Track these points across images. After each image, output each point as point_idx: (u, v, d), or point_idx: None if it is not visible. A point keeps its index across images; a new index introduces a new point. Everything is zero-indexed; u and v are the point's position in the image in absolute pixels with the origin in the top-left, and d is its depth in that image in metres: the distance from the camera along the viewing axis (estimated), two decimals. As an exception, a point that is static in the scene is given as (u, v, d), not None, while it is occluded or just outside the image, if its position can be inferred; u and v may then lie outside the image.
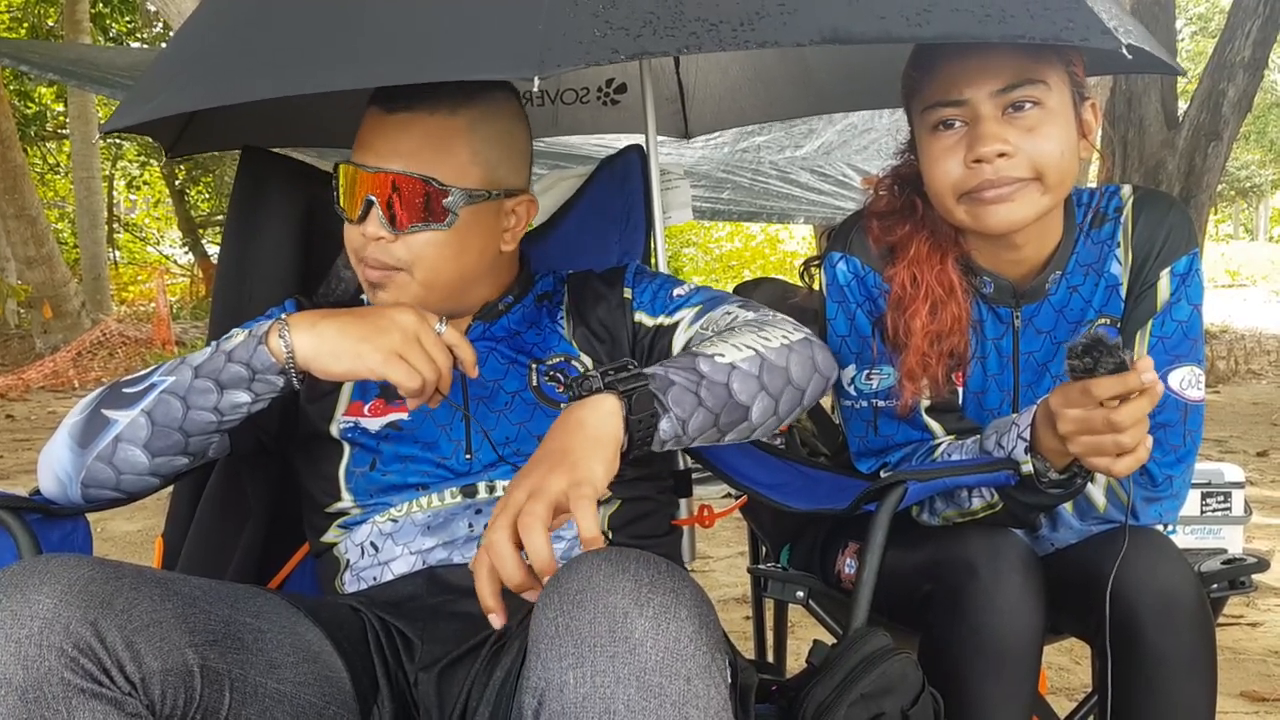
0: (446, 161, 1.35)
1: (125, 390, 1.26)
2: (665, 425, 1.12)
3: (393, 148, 1.34)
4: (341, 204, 1.38)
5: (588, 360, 1.47)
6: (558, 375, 1.44)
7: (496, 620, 0.98)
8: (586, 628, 0.88)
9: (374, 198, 1.34)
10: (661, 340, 1.46)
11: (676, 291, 1.49)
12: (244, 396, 1.24)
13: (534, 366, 1.45)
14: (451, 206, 1.35)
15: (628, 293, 1.51)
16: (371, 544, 1.39)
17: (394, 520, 1.39)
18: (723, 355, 1.21)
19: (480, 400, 1.43)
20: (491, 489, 1.39)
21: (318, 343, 1.21)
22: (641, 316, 1.49)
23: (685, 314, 1.45)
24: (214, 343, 1.27)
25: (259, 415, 1.33)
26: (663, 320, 1.47)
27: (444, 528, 1.37)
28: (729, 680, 0.96)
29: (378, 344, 1.19)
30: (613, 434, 1.06)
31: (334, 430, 1.43)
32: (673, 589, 0.92)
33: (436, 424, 1.42)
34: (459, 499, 1.39)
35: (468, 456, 1.40)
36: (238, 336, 1.24)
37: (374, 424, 1.43)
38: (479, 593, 0.98)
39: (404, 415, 1.42)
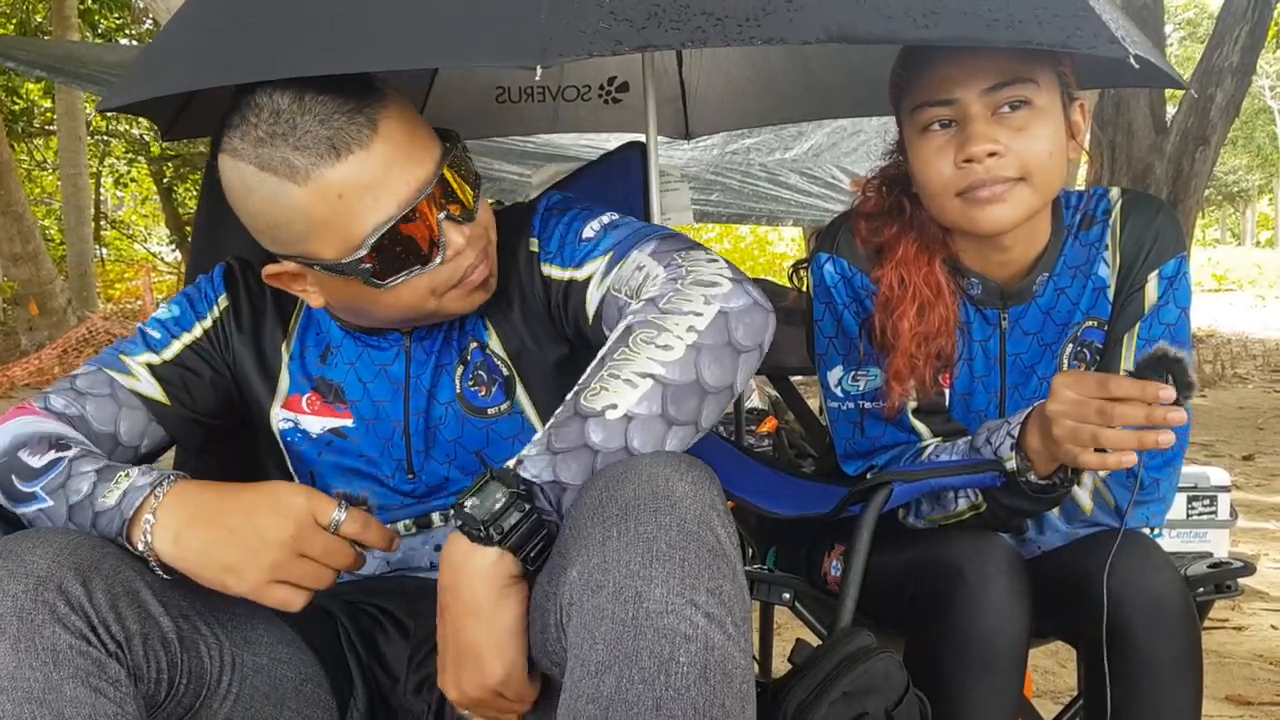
0: (430, 136, 1.20)
1: (16, 482, 1.11)
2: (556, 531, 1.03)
3: (406, 157, 1.15)
4: (404, 270, 1.18)
5: (498, 346, 1.33)
6: (480, 375, 1.33)
7: None
8: (631, 494, 0.94)
9: (442, 215, 1.18)
10: (574, 298, 1.27)
11: (585, 234, 1.28)
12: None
13: (459, 371, 1.33)
14: (469, 165, 1.25)
15: (534, 244, 1.32)
16: None
17: None
18: (615, 405, 1.02)
19: (419, 414, 1.34)
20: (446, 518, 1.34)
21: (179, 560, 1.03)
22: (550, 270, 1.30)
23: (595, 266, 1.25)
24: (95, 475, 1.08)
25: (216, 391, 1.33)
26: (573, 274, 1.27)
27: (403, 563, 1.35)
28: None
29: (244, 575, 1.02)
30: (506, 591, 1.00)
31: (274, 424, 1.36)
32: (706, 470, 1.00)
33: (379, 437, 1.34)
34: (414, 531, 1.35)
35: (409, 477, 1.34)
36: (112, 494, 1.06)
37: (314, 425, 1.35)
38: None
39: (348, 422, 1.34)
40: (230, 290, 1.37)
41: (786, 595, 1.59)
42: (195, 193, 18.81)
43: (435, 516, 1.35)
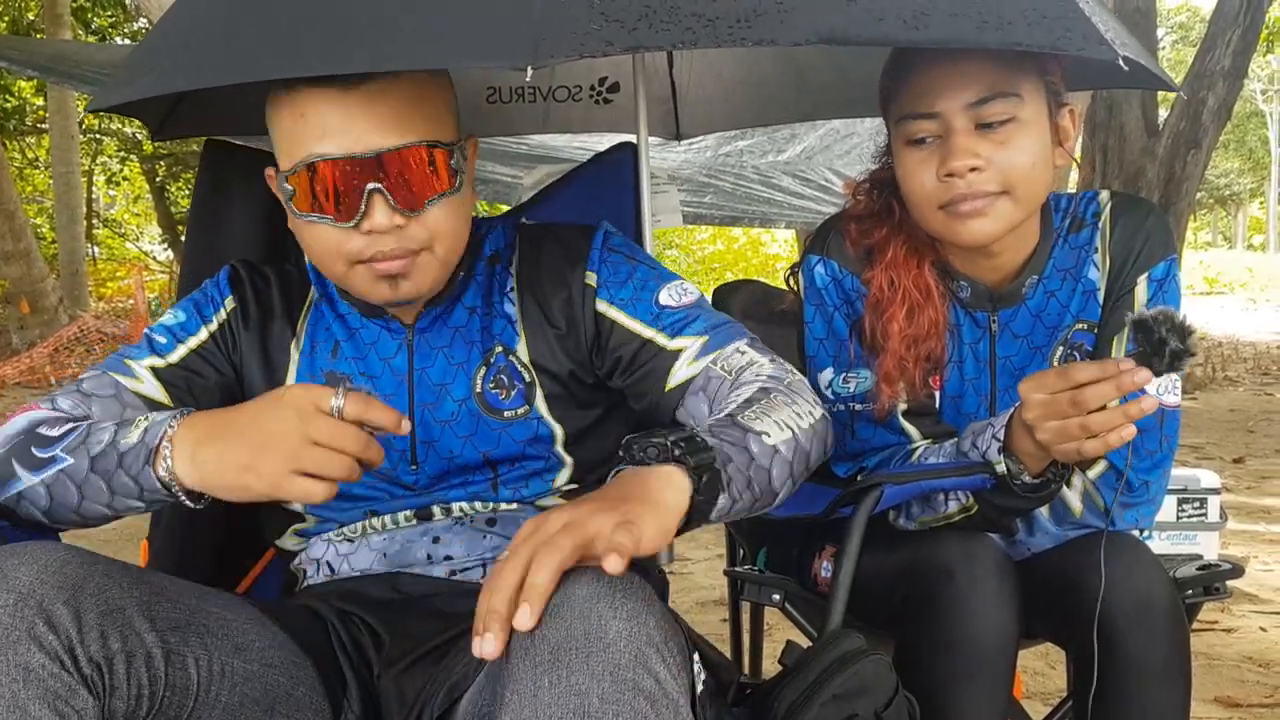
0: (434, 120, 1.24)
1: (34, 451, 1.16)
2: (720, 504, 1.04)
3: (375, 123, 1.18)
4: (316, 210, 1.21)
5: (525, 352, 1.35)
6: (501, 379, 1.35)
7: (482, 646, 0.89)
8: (563, 634, 0.88)
9: (378, 185, 1.18)
10: (654, 362, 1.31)
11: (664, 299, 1.33)
12: (136, 503, 1.14)
13: (480, 372, 1.35)
14: (457, 167, 1.26)
15: (590, 278, 1.35)
16: (328, 564, 1.37)
17: (349, 540, 1.36)
18: (769, 436, 1.12)
19: (426, 407, 1.35)
20: (447, 511, 1.35)
21: (200, 475, 1.07)
22: (613, 312, 1.34)
23: (689, 344, 1.30)
24: (114, 427, 1.14)
25: (220, 393, 1.34)
26: (657, 338, 1.31)
27: (401, 555, 1.34)
28: (697, 688, 0.97)
29: (262, 470, 1.03)
30: (678, 509, 0.98)
31: None
32: (644, 597, 0.91)
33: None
34: (414, 522, 1.35)
35: (413, 468, 1.35)
36: (133, 434, 1.11)
37: None
38: (479, 615, 0.90)
39: None
40: (236, 292, 1.40)
41: (777, 596, 1.59)
42: (188, 191, 18.73)
43: (435, 509, 1.35)
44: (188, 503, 1.10)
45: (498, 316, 1.36)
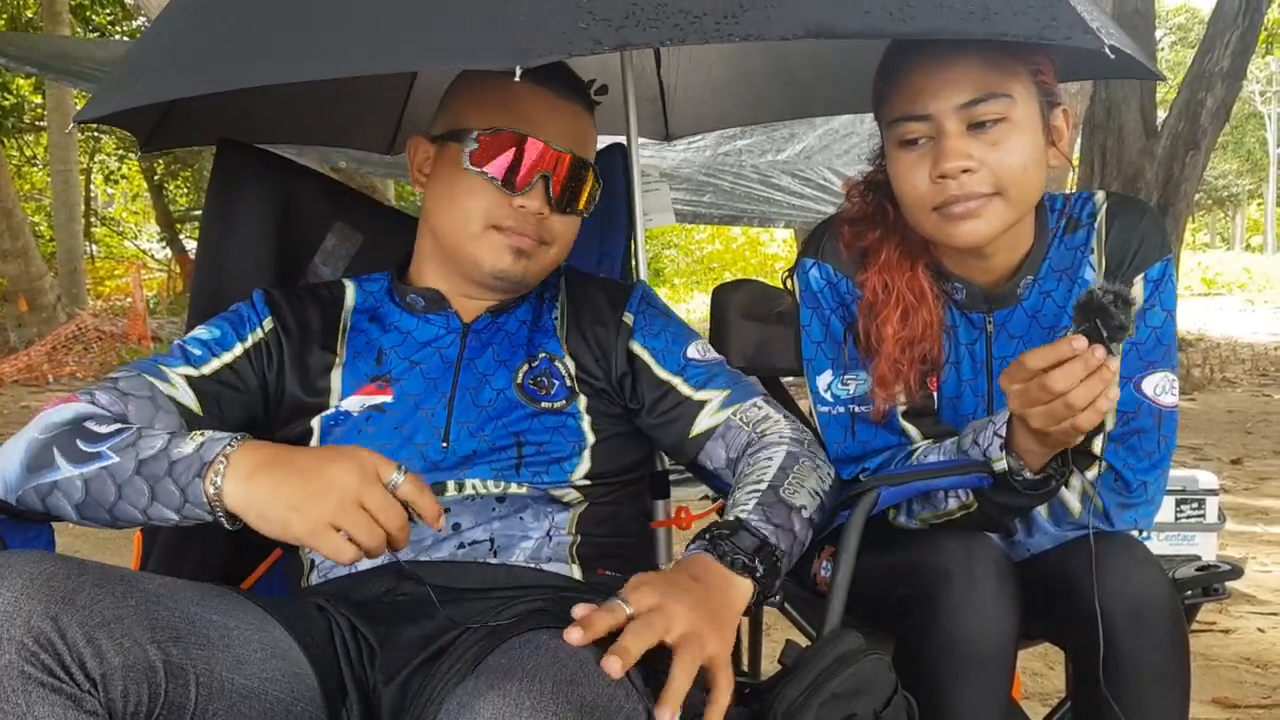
0: (591, 156, 1.49)
1: (80, 444, 1.18)
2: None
3: (567, 132, 1.43)
4: (488, 170, 1.40)
5: (571, 364, 1.47)
6: (541, 380, 1.46)
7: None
8: None
9: (549, 174, 1.42)
10: (680, 410, 1.46)
11: (691, 353, 1.50)
12: (171, 515, 1.15)
13: (523, 369, 1.46)
14: (593, 197, 1.49)
15: (628, 318, 1.52)
16: None
17: None
18: (805, 508, 1.30)
19: (468, 390, 1.43)
20: (460, 487, 1.37)
21: (248, 499, 1.10)
22: (645, 356, 1.49)
23: (713, 397, 1.46)
24: (169, 435, 1.17)
25: (246, 406, 1.41)
26: (680, 385, 1.47)
27: (411, 528, 1.35)
28: None
29: (308, 513, 1.07)
30: (739, 614, 1.18)
31: (314, 422, 1.43)
32: None
33: (421, 407, 1.42)
34: None
35: (444, 445, 1.39)
36: (188, 445, 1.14)
37: (355, 405, 1.42)
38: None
39: (388, 398, 1.42)
40: (275, 313, 1.49)
41: (776, 596, 1.59)
42: (186, 189, 18.79)
43: (450, 484, 1.38)
44: (225, 524, 1.12)
45: (544, 331, 1.51)
